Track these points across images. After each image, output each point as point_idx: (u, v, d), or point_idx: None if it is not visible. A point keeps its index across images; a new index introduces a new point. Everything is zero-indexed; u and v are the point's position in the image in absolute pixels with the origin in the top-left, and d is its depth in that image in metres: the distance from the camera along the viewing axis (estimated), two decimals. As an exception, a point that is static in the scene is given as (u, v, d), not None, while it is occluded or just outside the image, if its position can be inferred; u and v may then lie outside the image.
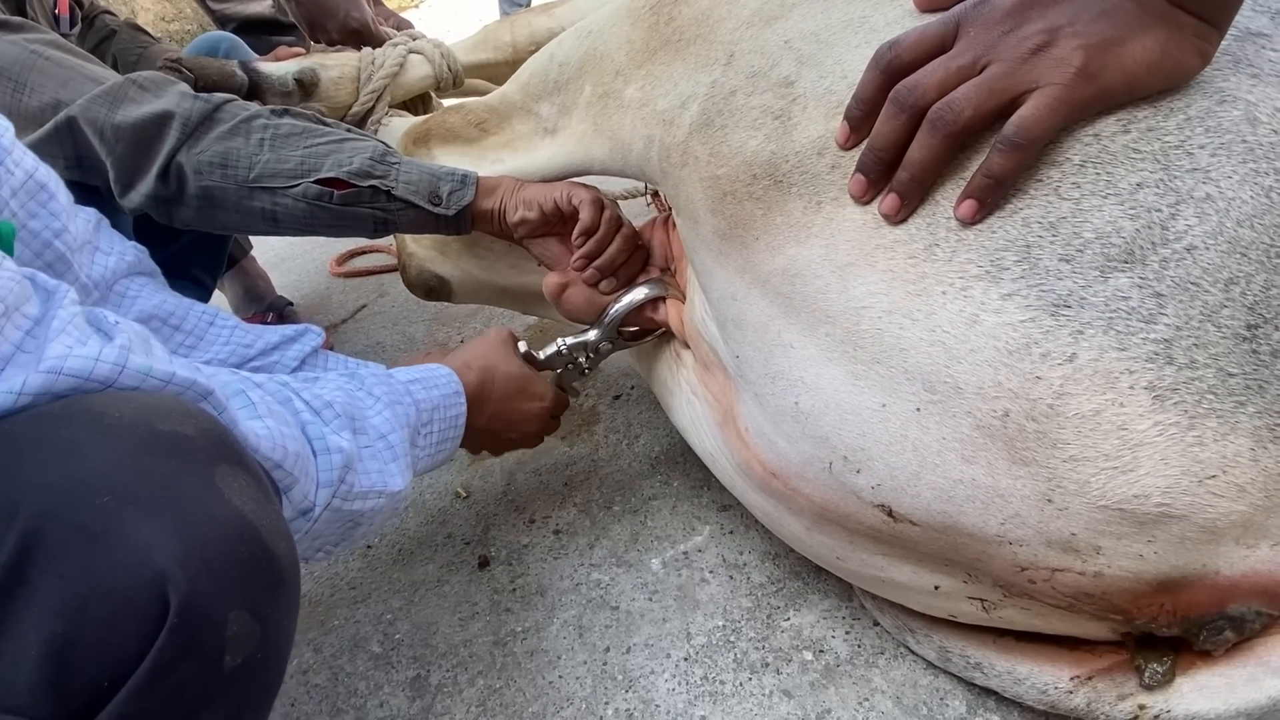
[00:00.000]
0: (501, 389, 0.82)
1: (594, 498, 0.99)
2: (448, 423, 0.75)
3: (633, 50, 0.79)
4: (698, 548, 0.88)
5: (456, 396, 0.76)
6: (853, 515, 0.60)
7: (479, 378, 0.80)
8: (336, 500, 0.59)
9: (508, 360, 0.83)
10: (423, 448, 0.73)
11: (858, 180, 0.53)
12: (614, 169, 0.81)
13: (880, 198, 0.53)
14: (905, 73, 0.51)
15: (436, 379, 0.76)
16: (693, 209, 0.68)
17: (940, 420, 0.52)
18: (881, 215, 0.52)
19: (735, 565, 0.85)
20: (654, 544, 0.90)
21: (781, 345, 0.60)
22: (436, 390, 0.75)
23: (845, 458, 0.57)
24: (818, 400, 0.58)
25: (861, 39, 0.59)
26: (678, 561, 0.87)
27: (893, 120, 0.51)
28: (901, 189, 0.51)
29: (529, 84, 0.92)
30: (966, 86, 0.49)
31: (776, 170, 0.59)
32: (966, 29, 0.50)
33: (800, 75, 0.61)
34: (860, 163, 0.53)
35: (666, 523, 0.93)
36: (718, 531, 0.90)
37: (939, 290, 0.51)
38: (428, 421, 0.73)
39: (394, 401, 0.69)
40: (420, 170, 0.83)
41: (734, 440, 0.70)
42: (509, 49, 1.23)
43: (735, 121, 0.64)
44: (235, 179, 0.81)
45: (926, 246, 0.51)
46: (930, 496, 0.54)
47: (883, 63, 0.52)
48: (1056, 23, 0.47)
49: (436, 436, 0.74)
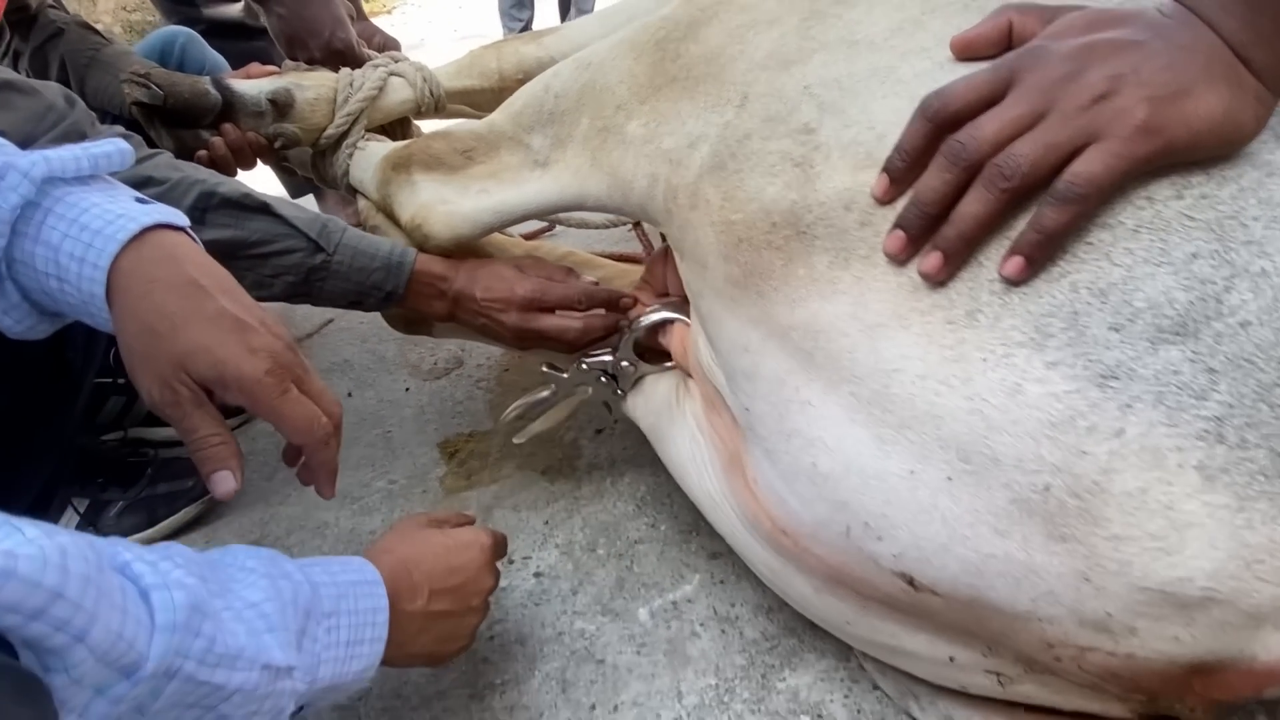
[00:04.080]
0: (431, 558, 0.67)
1: (576, 539, 0.96)
2: (361, 616, 0.59)
3: (636, 85, 0.76)
4: (687, 597, 0.85)
5: (372, 586, 0.61)
6: (869, 581, 0.57)
7: (399, 558, 0.65)
8: (187, 661, 0.44)
9: (424, 530, 0.71)
10: (326, 645, 0.56)
11: (897, 237, 0.51)
12: (611, 206, 0.78)
13: (921, 256, 0.50)
14: (955, 123, 0.49)
15: (344, 564, 0.61)
16: (701, 253, 0.65)
17: (974, 491, 0.49)
18: (922, 274, 0.50)
19: (727, 618, 0.82)
20: (641, 592, 0.87)
21: (799, 402, 0.57)
22: (343, 575, 0.60)
23: (866, 524, 0.54)
24: (838, 462, 0.55)
25: (889, 90, 0.57)
26: (666, 612, 0.84)
27: (943, 174, 0.49)
28: (948, 246, 0.49)
29: (521, 114, 0.89)
30: (1024, 140, 0.47)
31: (799, 220, 0.57)
32: (1020, 77, 0.48)
33: (822, 123, 0.59)
34: (903, 218, 0.51)
35: (654, 569, 0.89)
36: (708, 580, 0.87)
37: (979, 357, 0.48)
38: (331, 612, 0.57)
39: (273, 575, 0.54)
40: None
41: (740, 489, 0.67)
42: (495, 76, 1.19)
43: (751, 166, 0.61)
44: None
45: (968, 312, 0.49)
46: (958, 569, 0.51)
47: (930, 112, 0.50)
48: (1119, 70, 0.45)
49: (347, 634, 0.57)
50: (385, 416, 1.27)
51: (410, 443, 1.19)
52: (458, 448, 1.16)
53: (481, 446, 1.16)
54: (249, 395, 0.55)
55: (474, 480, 1.09)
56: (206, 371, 0.54)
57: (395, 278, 0.90)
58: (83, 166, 0.56)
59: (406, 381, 1.35)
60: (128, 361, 0.55)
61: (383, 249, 0.90)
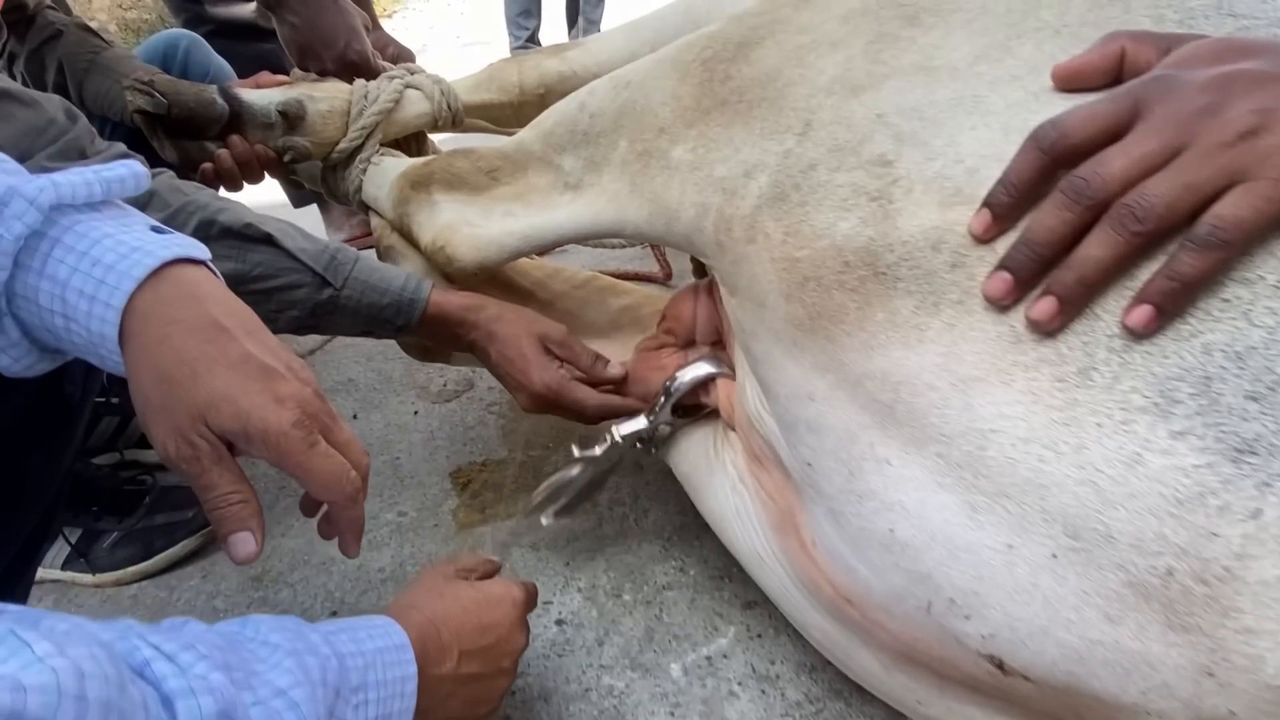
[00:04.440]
0: (460, 615, 0.62)
1: (600, 582, 0.90)
2: (390, 687, 0.54)
3: (681, 107, 0.71)
4: (722, 652, 0.80)
5: (400, 651, 0.56)
6: (950, 661, 0.52)
7: (427, 617, 0.61)
8: None
9: (453, 584, 0.66)
10: None
11: (1002, 279, 0.46)
12: (651, 235, 0.73)
13: (1030, 302, 0.45)
14: (1074, 157, 0.44)
15: (370, 627, 0.56)
16: (758, 291, 0.60)
17: (1082, 571, 0.44)
18: (1030, 322, 0.45)
19: (767, 677, 0.77)
20: (672, 645, 0.81)
21: (874, 460, 0.52)
22: (370, 642, 0.54)
23: (952, 600, 0.49)
24: (920, 530, 0.50)
25: (978, 120, 0.52)
26: (701, 668, 0.78)
27: (1063, 212, 0.44)
28: (1064, 292, 0.44)
29: (552, 133, 0.84)
30: (1158, 179, 0.42)
31: (877, 261, 0.52)
32: (1148, 109, 0.43)
33: (900, 155, 0.54)
34: (1010, 259, 0.46)
35: (685, 619, 0.84)
36: (744, 634, 0.82)
37: (1093, 421, 0.43)
38: (359, 686, 0.51)
39: (299, 651, 0.49)
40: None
41: (795, 551, 0.62)
42: (515, 90, 1.14)
43: (819, 199, 0.56)
44: None
45: (1081, 369, 0.44)
46: (1057, 654, 0.46)
47: (1046, 144, 0.45)
48: (1266, 104, 0.40)
49: (375, 709, 0.52)
50: (393, 442, 1.21)
51: (420, 471, 1.14)
52: (470, 478, 1.11)
53: (495, 477, 1.10)
54: (274, 450, 0.49)
55: (489, 514, 1.03)
56: (229, 424, 0.48)
57: (407, 314, 0.85)
58: (95, 193, 0.50)
59: (415, 404, 1.30)
60: (141, 411, 0.49)
61: (395, 283, 0.84)
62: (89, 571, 0.99)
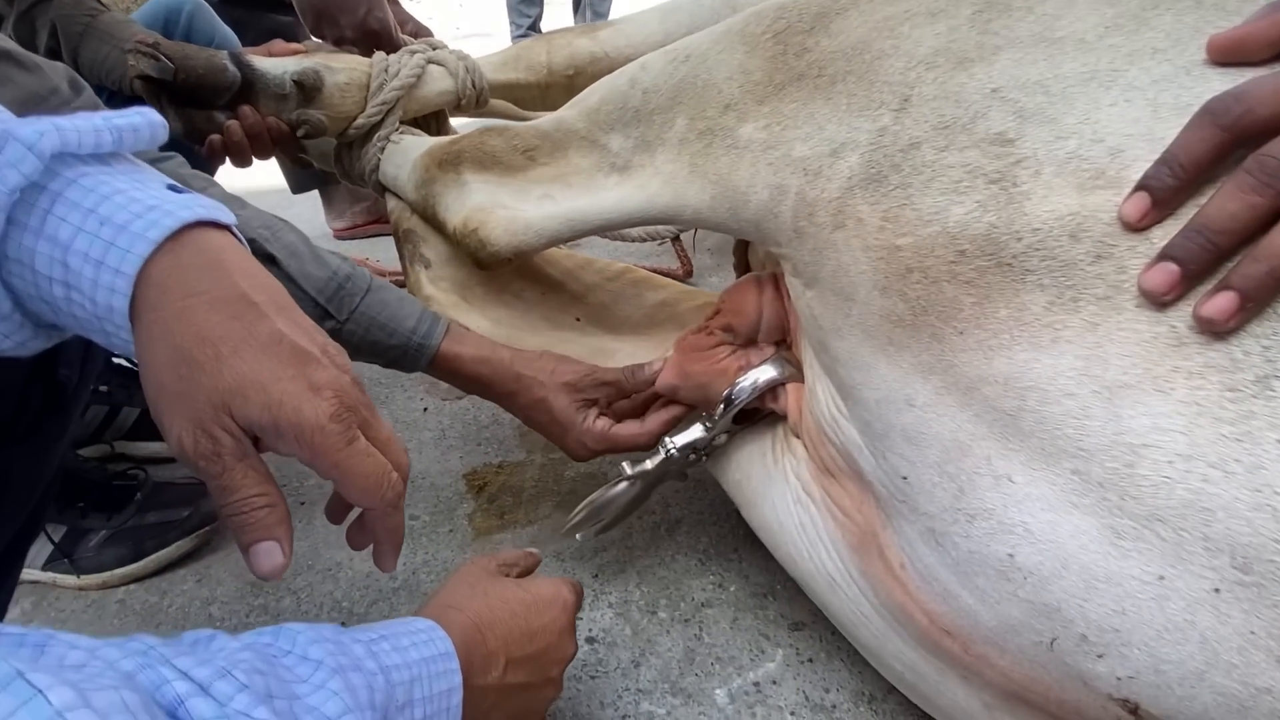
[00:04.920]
0: (508, 619, 0.57)
1: (633, 598, 0.84)
2: (436, 703, 0.48)
3: (750, 83, 0.65)
4: (771, 678, 0.74)
5: (446, 660, 0.50)
6: (1071, 704, 0.46)
7: (471, 619, 0.55)
8: None
9: (497, 581, 0.60)
10: None
11: (1165, 272, 0.40)
12: (713, 220, 0.67)
13: (1204, 298, 0.39)
14: (1260, 135, 0.39)
15: (413, 634, 0.50)
16: (845, 283, 0.54)
17: (1251, 609, 0.38)
18: (1201, 320, 0.39)
19: (822, 706, 0.70)
20: (715, 668, 0.75)
21: (991, 476, 0.46)
22: (414, 651, 0.48)
23: (1084, 636, 0.43)
24: (1048, 558, 0.44)
25: (1118, 96, 0.46)
26: (748, 695, 0.72)
27: (1250, 196, 0.38)
28: (1248, 286, 0.38)
29: (598, 110, 0.78)
30: None
31: (1001, 250, 0.46)
32: None
33: (1023, 133, 0.48)
34: (1178, 248, 0.40)
35: (728, 640, 0.78)
36: (793, 657, 0.75)
37: (1274, 438, 0.38)
38: (405, 703, 0.46)
39: (344, 669, 0.42)
40: None
41: (880, 574, 0.56)
42: (543, 70, 1.08)
43: (924, 181, 0.51)
44: None
45: (1259, 378, 0.38)
46: (1211, 702, 0.40)
47: (1227, 118, 0.39)
48: None
49: None
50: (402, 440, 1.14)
51: (431, 472, 1.07)
52: (486, 480, 1.04)
53: (513, 480, 1.03)
54: (308, 446, 0.42)
55: (507, 520, 0.97)
56: (257, 415, 0.41)
57: (414, 359, 0.78)
58: (104, 141, 0.42)
59: (424, 401, 1.23)
60: (153, 398, 0.42)
61: (404, 324, 0.77)
62: (73, 573, 0.91)
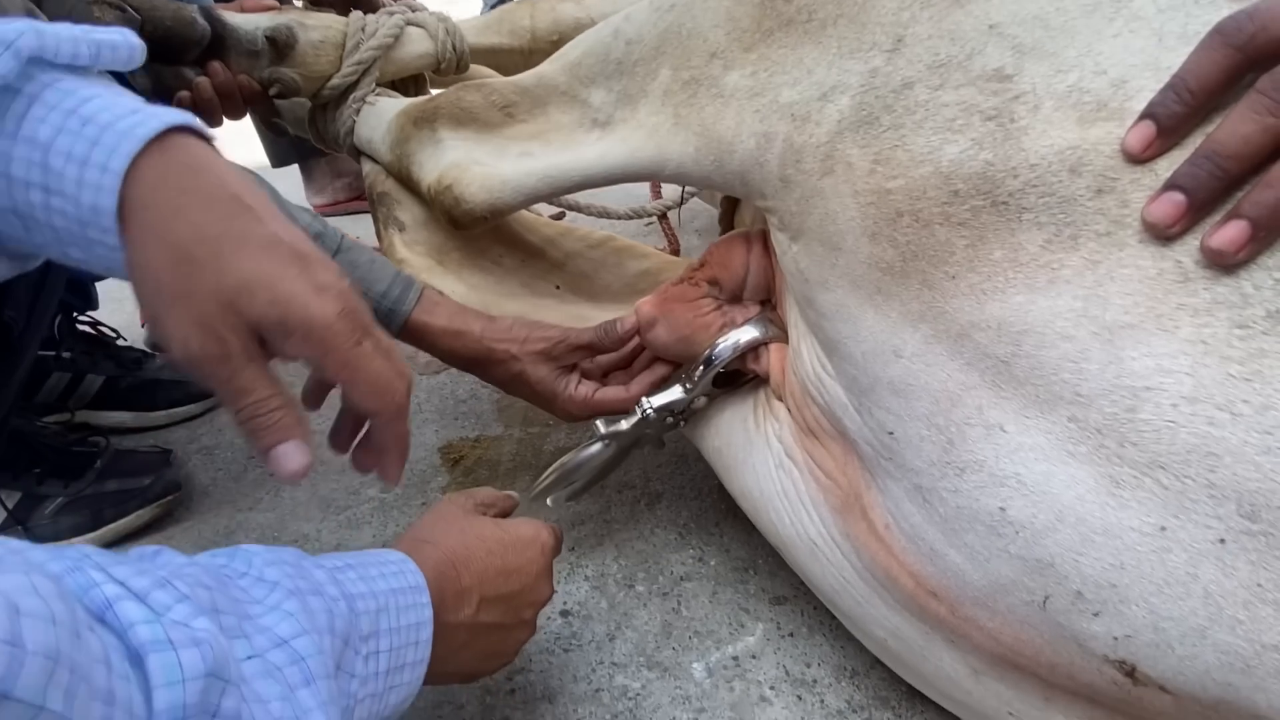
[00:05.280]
0: (483, 556, 0.54)
1: (610, 571, 0.81)
2: (403, 635, 0.46)
3: (737, 29, 0.63)
4: (750, 652, 0.71)
5: (416, 593, 0.48)
6: (1063, 667, 0.44)
7: (445, 555, 0.53)
8: None
9: (474, 519, 0.58)
10: (364, 679, 0.43)
11: (1171, 202, 0.37)
12: (697, 173, 0.64)
13: (1213, 229, 0.37)
14: (1278, 54, 0.36)
15: (382, 564, 0.48)
16: (833, 231, 0.51)
17: (1259, 560, 0.36)
18: (1209, 252, 0.37)
19: (803, 681, 0.68)
20: (693, 641, 0.72)
21: (983, 426, 0.44)
22: (382, 581, 0.46)
23: (1079, 593, 0.41)
24: (1042, 510, 0.42)
25: (1121, 27, 0.44)
26: (727, 669, 0.70)
27: (1266, 118, 0.35)
28: (1261, 215, 0.35)
29: (580, 64, 0.75)
30: None
31: (997, 188, 0.44)
32: None
33: (1022, 68, 0.46)
34: (1185, 176, 0.38)
35: (707, 614, 0.75)
36: (773, 631, 0.73)
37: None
38: (370, 634, 0.43)
39: (302, 591, 0.40)
40: None
41: (863, 537, 0.53)
42: (527, 35, 1.05)
43: (918, 121, 0.48)
44: None
45: (1270, 313, 0.36)
46: (1214, 661, 0.38)
47: (1240, 38, 0.37)
48: None
49: (386, 660, 0.44)
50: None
51: (405, 446, 1.04)
52: (462, 454, 1.01)
53: (490, 454, 1.01)
54: (319, 343, 0.41)
55: (482, 494, 0.94)
56: (265, 311, 0.40)
57: (383, 324, 0.74)
58: (80, 53, 0.41)
59: (400, 376, 1.20)
60: (150, 299, 0.40)
61: (374, 289, 0.73)
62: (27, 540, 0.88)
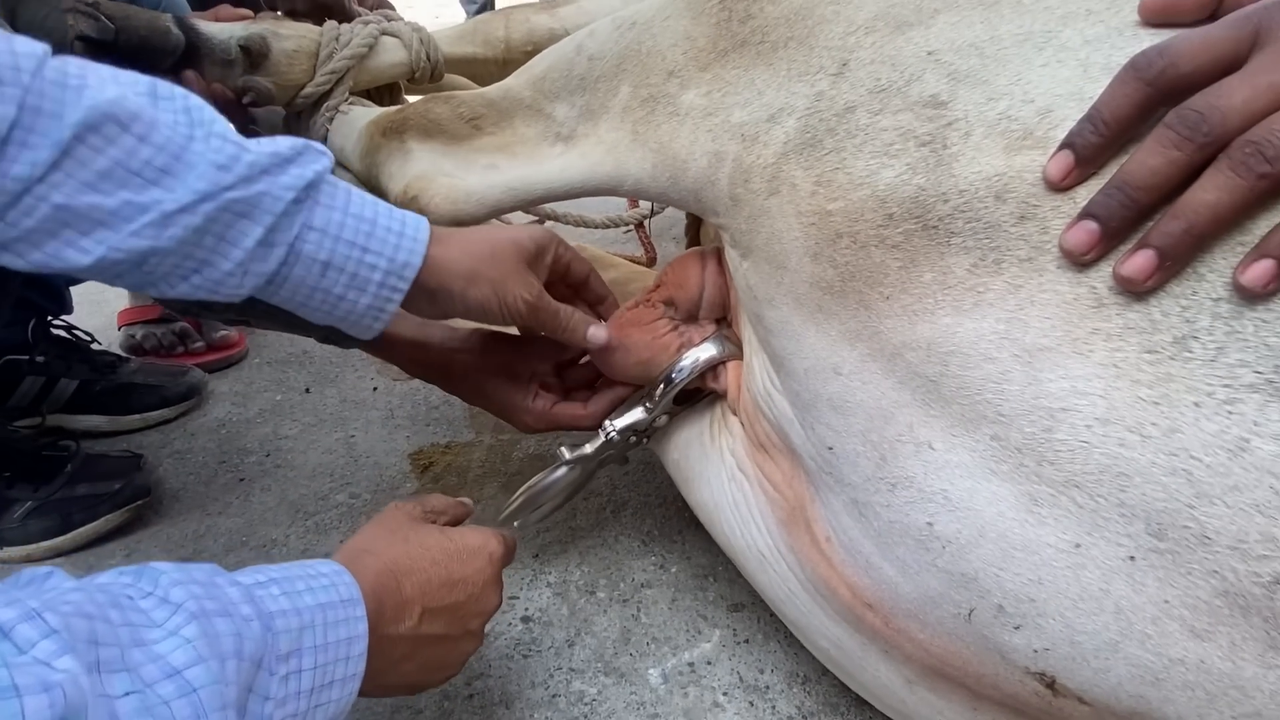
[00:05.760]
0: (427, 566, 0.54)
1: (572, 578, 0.82)
2: (331, 651, 0.44)
3: (694, 49, 0.64)
4: (706, 658, 0.72)
5: (348, 607, 0.46)
6: (989, 678, 0.45)
7: (386, 565, 0.51)
8: None
9: (419, 528, 0.57)
10: (281, 701, 0.41)
11: (1086, 230, 0.39)
12: (654, 189, 0.66)
13: (1121, 257, 0.38)
14: (1183, 90, 0.38)
15: (310, 578, 0.46)
16: (778, 250, 0.53)
17: (1165, 577, 0.38)
18: (1120, 279, 0.38)
19: (755, 688, 0.69)
20: (651, 648, 0.74)
21: (913, 444, 0.45)
22: (309, 596, 0.44)
23: (1000, 607, 0.42)
24: (966, 526, 0.43)
25: (1050, 57, 0.45)
26: (682, 675, 0.71)
27: (1170, 151, 0.37)
28: (1167, 244, 0.37)
29: (544, 78, 0.76)
30: None
31: (928, 212, 0.45)
32: (1273, 34, 0.37)
33: (956, 95, 0.47)
34: (1098, 206, 0.39)
35: (665, 620, 0.76)
36: (729, 638, 0.74)
37: (1190, 400, 0.37)
38: (290, 652, 0.42)
39: (207, 613, 0.38)
40: None
41: (806, 549, 0.55)
42: (500, 45, 1.06)
43: (857, 145, 0.49)
44: None
45: (1178, 339, 0.37)
46: (1125, 674, 0.40)
47: (1151, 73, 0.38)
48: None
49: (310, 679, 0.43)
50: (348, 419, 1.12)
51: (376, 451, 1.05)
52: (432, 460, 1.02)
53: (460, 460, 1.02)
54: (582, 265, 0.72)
55: (450, 500, 0.95)
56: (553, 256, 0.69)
57: (346, 336, 0.74)
58: None
59: (374, 380, 1.21)
60: (478, 278, 0.61)
61: None
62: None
